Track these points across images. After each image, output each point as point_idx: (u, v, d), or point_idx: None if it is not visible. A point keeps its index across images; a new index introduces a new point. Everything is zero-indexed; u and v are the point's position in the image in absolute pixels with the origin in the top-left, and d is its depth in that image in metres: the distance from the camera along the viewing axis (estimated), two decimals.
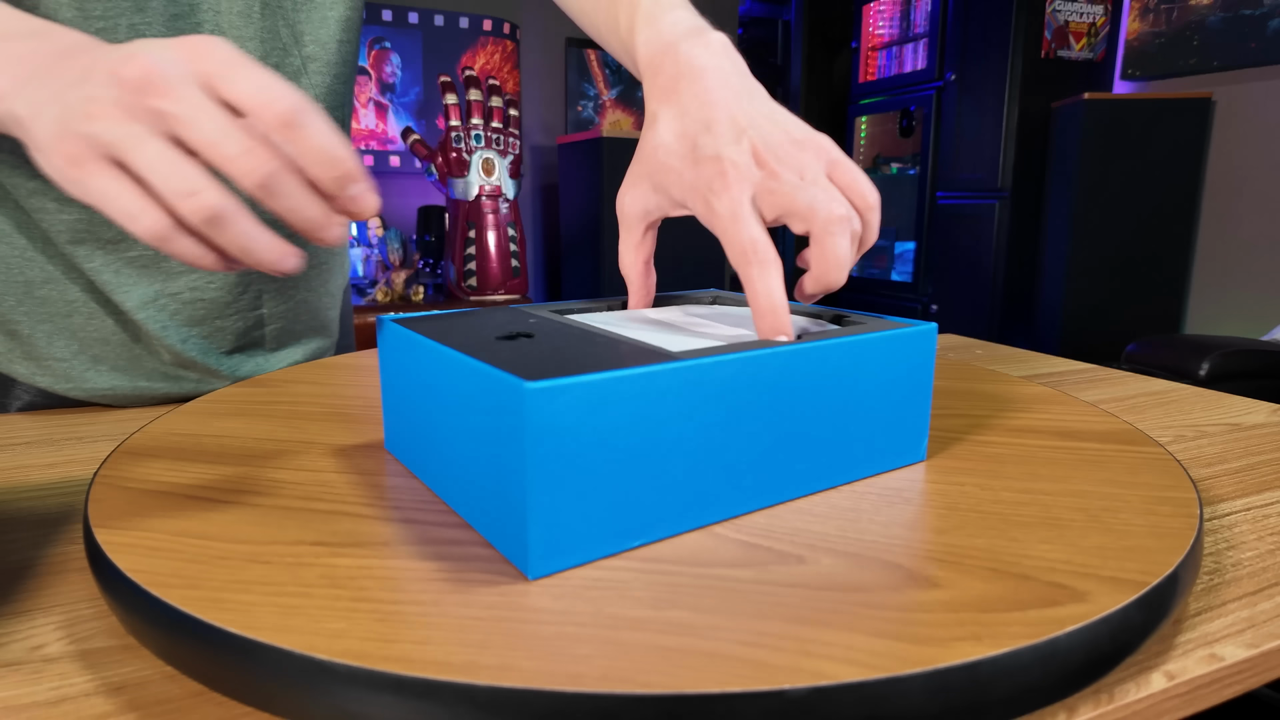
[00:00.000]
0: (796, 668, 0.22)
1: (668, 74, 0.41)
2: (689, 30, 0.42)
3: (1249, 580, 0.32)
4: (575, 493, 0.27)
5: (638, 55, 0.44)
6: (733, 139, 0.37)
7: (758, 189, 0.36)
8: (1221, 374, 1.44)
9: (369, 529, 0.30)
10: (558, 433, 0.26)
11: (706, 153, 0.37)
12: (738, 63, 0.41)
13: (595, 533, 0.28)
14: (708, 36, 0.41)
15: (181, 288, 0.55)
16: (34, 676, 0.25)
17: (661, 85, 0.41)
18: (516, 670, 0.21)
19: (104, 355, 0.56)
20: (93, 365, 0.55)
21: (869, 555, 0.28)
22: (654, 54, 0.42)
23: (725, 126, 0.37)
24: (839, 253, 0.35)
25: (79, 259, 0.52)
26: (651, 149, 0.40)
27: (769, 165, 0.36)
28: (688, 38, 0.41)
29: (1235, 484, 0.42)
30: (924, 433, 0.38)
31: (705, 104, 0.38)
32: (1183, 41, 2.57)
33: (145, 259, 0.53)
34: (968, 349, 0.78)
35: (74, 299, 0.53)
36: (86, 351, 0.55)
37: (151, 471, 0.36)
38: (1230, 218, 2.50)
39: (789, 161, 0.37)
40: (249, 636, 0.23)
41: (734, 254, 0.36)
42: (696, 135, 0.38)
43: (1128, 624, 0.25)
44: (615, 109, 3.20)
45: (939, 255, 3.19)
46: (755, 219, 0.36)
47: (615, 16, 0.47)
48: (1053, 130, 2.67)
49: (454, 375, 0.30)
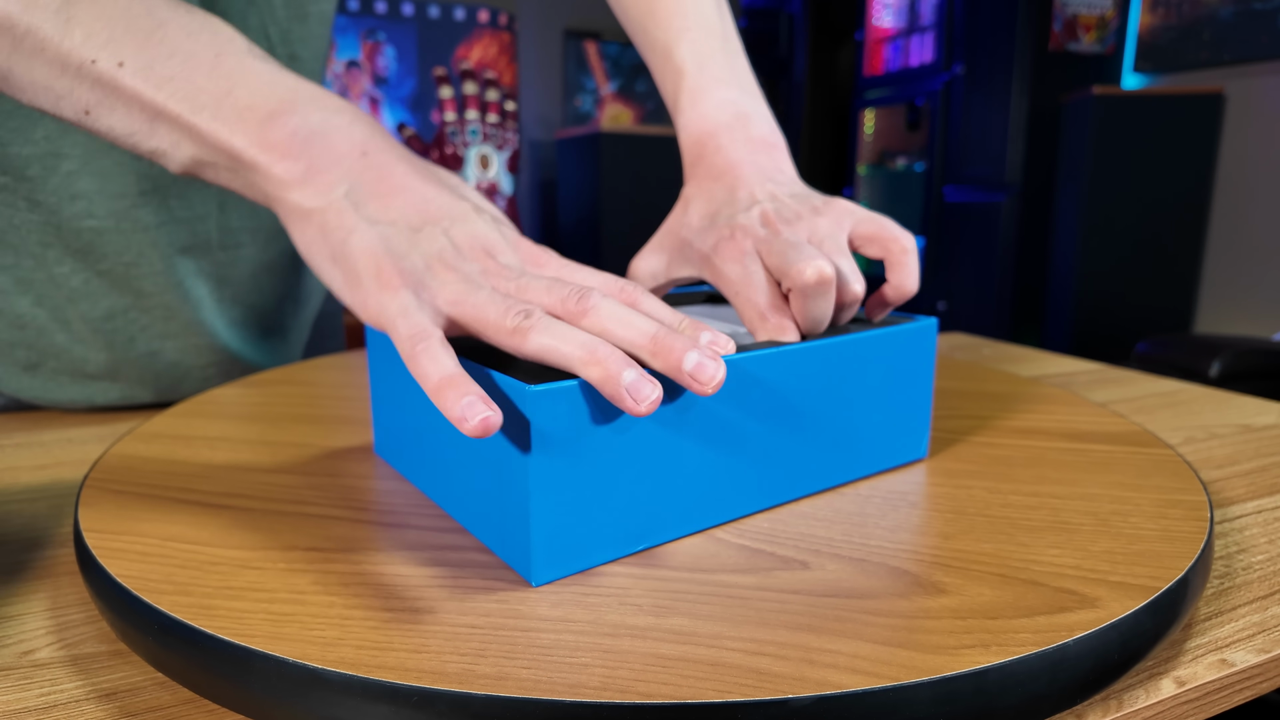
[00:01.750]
0: (801, 677, 0.21)
1: (706, 165, 0.43)
2: (732, 120, 0.43)
3: (1260, 584, 0.31)
4: (579, 497, 0.27)
5: (680, 133, 0.46)
6: (745, 209, 0.39)
7: (760, 247, 0.36)
8: (1232, 373, 1.43)
9: (363, 535, 0.30)
10: (561, 436, 0.26)
11: (720, 222, 0.39)
12: (774, 154, 0.43)
13: (599, 537, 0.28)
14: (749, 126, 0.43)
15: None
16: (24, 682, 0.25)
17: (699, 175, 0.43)
18: (514, 679, 0.21)
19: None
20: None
21: (875, 561, 0.28)
22: (695, 140, 0.44)
23: (744, 202, 0.39)
24: (813, 314, 0.34)
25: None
26: (677, 226, 0.42)
27: (774, 225, 0.37)
28: (729, 130, 0.43)
29: (1246, 486, 0.41)
30: (925, 429, 0.38)
31: (733, 190, 0.40)
32: (1194, 35, 2.55)
33: (114, 273, 0.52)
34: (975, 348, 0.77)
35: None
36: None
37: (142, 475, 0.36)
38: (1242, 214, 2.48)
39: (799, 226, 0.37)
40: (241, 644, 0.22)
41: (746, 320, 0.36)
42: (718, 212, 0.40)
43: (1138, 630, 0.24)
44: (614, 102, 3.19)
45: (946, 252, 3.18)
46: (763, 285, 0.35)
47: (664, 75, 0.47)
48: (1062, 125, 2.65)
49: None
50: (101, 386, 0.55)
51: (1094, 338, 2.58)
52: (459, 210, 0.31)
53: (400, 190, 0.30)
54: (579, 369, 0.25)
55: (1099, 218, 2.51)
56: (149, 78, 0.30)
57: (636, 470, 0.28)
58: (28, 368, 0.54)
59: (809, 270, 0.33)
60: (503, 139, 2.45)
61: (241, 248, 0.57)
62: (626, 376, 0.25)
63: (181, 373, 0.57)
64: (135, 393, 0.56)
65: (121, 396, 0.56)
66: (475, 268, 0.29)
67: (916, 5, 3.32)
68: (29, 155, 0.47)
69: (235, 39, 0.32)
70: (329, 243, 0.29)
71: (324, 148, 0.30)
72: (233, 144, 0.30)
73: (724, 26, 0.47)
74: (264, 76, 0.31)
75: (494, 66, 2.74)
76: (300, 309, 0.66)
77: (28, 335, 0.52)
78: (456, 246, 0.29)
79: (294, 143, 0.30)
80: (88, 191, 0.49)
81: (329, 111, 0.31)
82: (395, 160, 0.31)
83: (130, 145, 0.32)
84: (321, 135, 0.30)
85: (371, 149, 0.31)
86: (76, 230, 0.49)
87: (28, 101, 0.32)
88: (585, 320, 0.27)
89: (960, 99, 3.06)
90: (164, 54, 0.30)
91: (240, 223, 0.56)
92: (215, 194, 0.54)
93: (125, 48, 0.30)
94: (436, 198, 0.31)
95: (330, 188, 0.30)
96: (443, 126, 2.39)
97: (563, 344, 0.25)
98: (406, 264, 0.28)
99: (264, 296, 0.61)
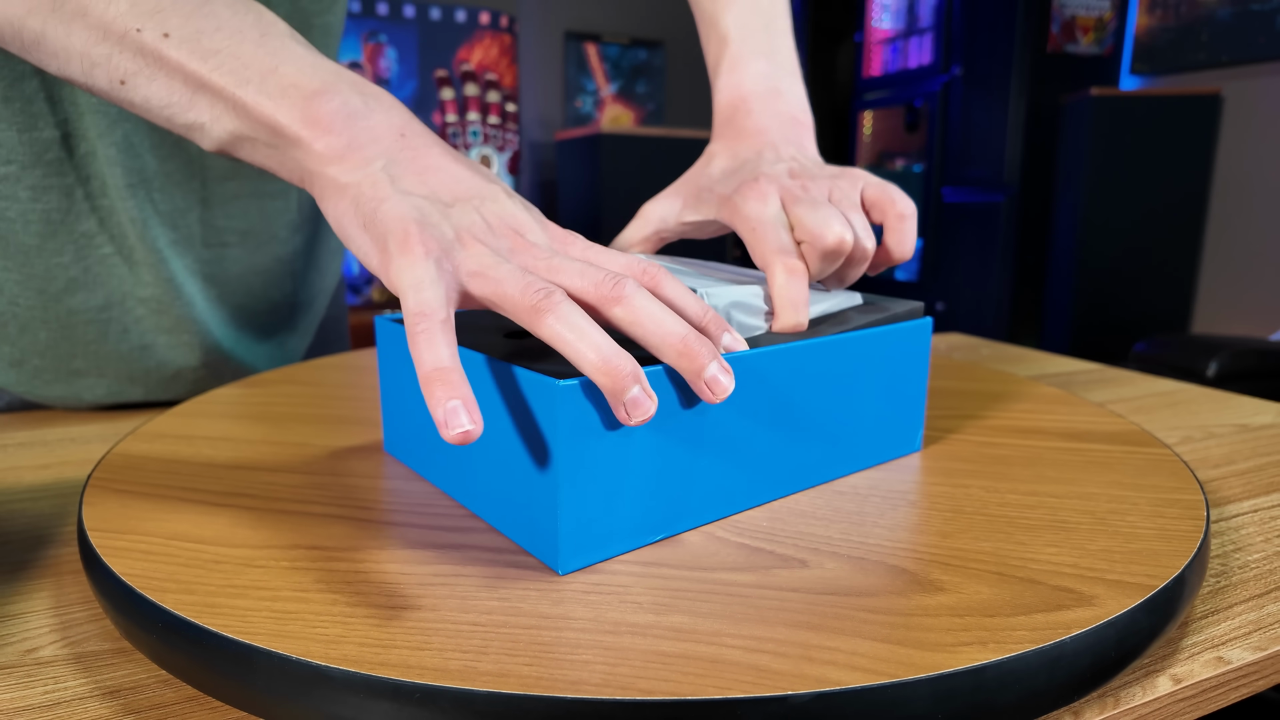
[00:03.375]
0: (800, 674, 0.21)
1: (735, 127, 0.45)
2: (766, 91, 0.46)
3: (1256, 583, 0.31)
4: (603, 488, 0.27)
5: (716, 96, 0.48)
6: (772, 163, 0.41)
7: (784, 194, 0.38)
8: (1230, 374, 1.43)
9: (365, 533, 0.30)
10: (588, 428, 0.26)
11: (747, 172, 0.41)
12: (800, 130, 0.45)
13: (622, 527, 0.28)
14: (781, 100, 0.46)
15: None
16: (27, 680, 0.25)
17: (727, 135, 0.45)
18: (515, 676, 0.21)
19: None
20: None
21: (873, 559, 0.28)
22: (728, 103, 0.46)
23: (769, 159, 0.42)
24: (822, 272, 0.38)
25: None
26: (697, 175, 0.44)
27: (801, 179, 0.40)
28: (762, 99, 0.45)
29: (1243, 485, 0.41)
30: (920, 424, 0.39)
31: (759, 150, 0.43)
32: (1191, 36, 2.55)
33: (108, 263, 0.52)
34: (974, 349, 0.77)
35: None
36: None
37: (145, 474, 0.36)
38: (1239, 215, 2.48)
39: (822, 183, 0.40)
40: (245, 641, 0.23)
41: (761, 254, 0.37)
42: (742, 165, 0.42)
43: (1134, 628, 0.24)
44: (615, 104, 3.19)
45: (945, 253, 3.18)
46: (784, 226, 0.38)
47: (709, 41, 0.50)
48: (1060, 126, 2.65)
49: (470, 373, 0.30)
50: (88, 383, 0.55)
51: (1092, 338, 2.58)
52: (491, 191, 0.31)
53: (436, 169, 0.31)
54: (588, 370, 0.25)
55: (1097, 219, 2.51)
56: (195, 50, 0.30)
57: (652, 463, 0.29)
58: (13, 363, 0.53)
59: (830, 234, 0.36)
60: (503, 140, 2.46)
61: (228, 248, 0.57)
62: (631, 392, 0.25)
63: (172, 372, 0.57)
64: (124, 389, 0.56)
65: (109, 393, 0.56)
66: (504, 244, 0.29)
67: (915, 7, 3.32)
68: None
69: (278, 22, 0.33)
70: (361, 212, 0.30)
71: (364, 127, 0.31)
72: (277, 118, 0.30)
73: (772, 5, 0.50)
74: (307, 59, 0.32)
75: (495, 68, 2.74)
76: (300, 315, 0.66)
77: (9, 331, 0.52)
78: (488, 223, 0.30)
79: (336, 120, 0.30)
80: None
81: (369, 96, 0.32)
82: (431, 143, 0.32)
83: (165, 118, 0.32)
84: (363, 115, 0.31)
85: (409, 132, 0.32)
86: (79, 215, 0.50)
87: (56, 69, 0.32)
88: (618, 308, 0.27)
89: (959, 100, 3.06)
90: (210, 27, 0.31)
91: (227, 223, 0.56)
92: (198, 189, 0.54)
93: (171, 19, 0.30)
94: (470, 179, 0.31)
95: (368, 162, 0.30)
96: (444, 128, 2.39)
97: (578, 340, 0.26)
98: (436, 232, 0.28)
99: (255, 299, 0.61)
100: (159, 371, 0.56)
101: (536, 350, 0.30)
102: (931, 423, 0.44)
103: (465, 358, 0.30)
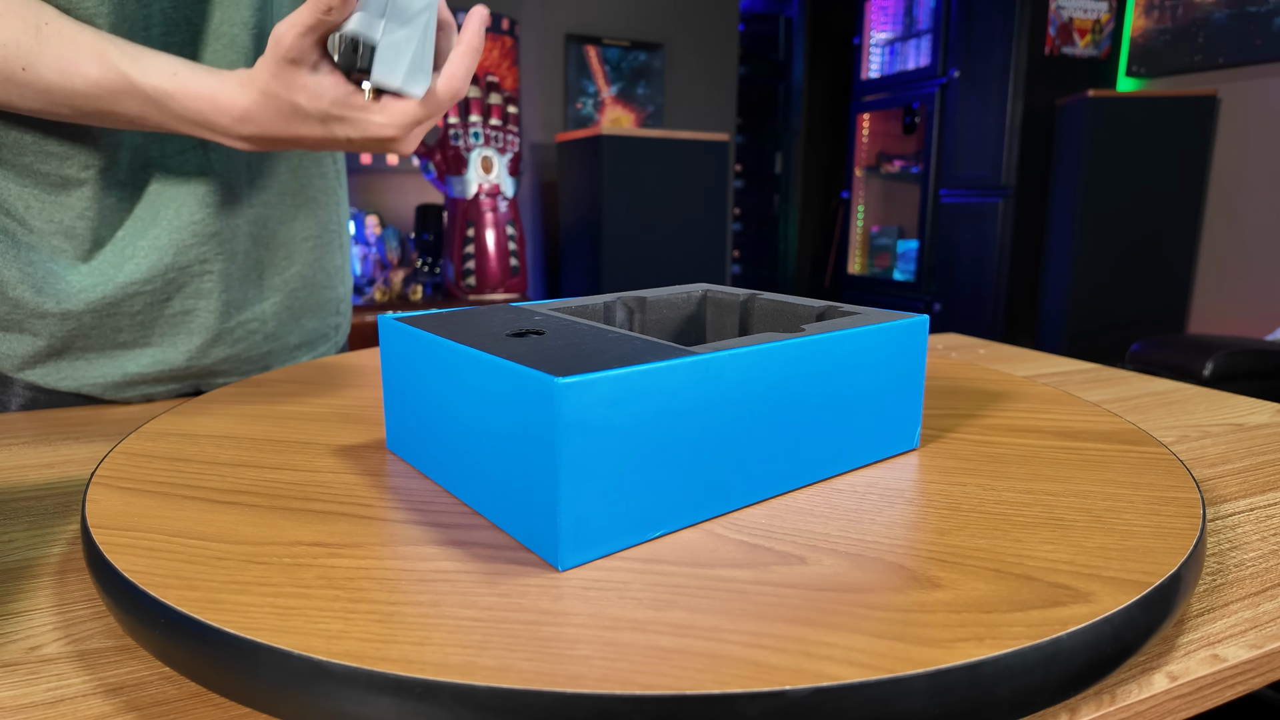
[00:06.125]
0: (798, 669, 0.21)
1: None
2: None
3: (1251, 581, 0.32)
4: (603, 485, 0.28)
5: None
6: None
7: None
8: (1225, 374, 1.44)
9: (367, 529, 0.30)
10: (587, 426, 0.27)
11: None
12: None
13: (621, 523, 0.28)
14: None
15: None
16: (31, 677, 0.25)
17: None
18: (516, 671, 0.21)
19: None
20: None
21: (871, 556, 0.28)
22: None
23: None
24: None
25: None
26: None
27: None
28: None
29: (1238, 484, 0.42)
30: (917, 421, 0.39)
31: None
32: (1188, 38, 2.56)
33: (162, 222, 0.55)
34: (971, 349, 0.77)
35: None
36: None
37: (148, 472, 0.36)
38: (1235, 216, 2.49)
39: None
40: (247, 637, 0.23)
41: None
42: None
43: (1130, 625, 0.25)
44: (615, 106, 3.19)
45: (942, 254, 3.18)
46: None
47: None
48: (1057, 128, 2.66)
49: (473, 372, 0.30)
50: (133, 355, 0.57)
51: (1088, 338, 2.59)
52: None
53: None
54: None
55: (1094, 220, 2.52)
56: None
57: (651, 460, 0.29)
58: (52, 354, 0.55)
59: None
60: (505, 142, 2.46)
61: (237, 240, 0.60)
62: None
63: (214, 335, 0.59)
64: (166, 356, 0.58)
65: (153, 362, 0.58)
66: None
67: (913, 10, 3.33)
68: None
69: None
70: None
71: None
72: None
73: None
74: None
75: (496, 70, 2.73)
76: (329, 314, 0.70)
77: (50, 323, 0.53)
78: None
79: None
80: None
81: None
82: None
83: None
84: None
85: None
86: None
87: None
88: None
89: (956, 103, 3.07)
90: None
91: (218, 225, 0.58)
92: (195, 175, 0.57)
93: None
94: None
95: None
96: (445, 130, 2.39)
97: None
98: None
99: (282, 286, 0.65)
100: (200, 334, 0.59)
101: (537, 350, 0.30)
102: (929, 421, 0.44)
103: (465, 357, 0.31)
